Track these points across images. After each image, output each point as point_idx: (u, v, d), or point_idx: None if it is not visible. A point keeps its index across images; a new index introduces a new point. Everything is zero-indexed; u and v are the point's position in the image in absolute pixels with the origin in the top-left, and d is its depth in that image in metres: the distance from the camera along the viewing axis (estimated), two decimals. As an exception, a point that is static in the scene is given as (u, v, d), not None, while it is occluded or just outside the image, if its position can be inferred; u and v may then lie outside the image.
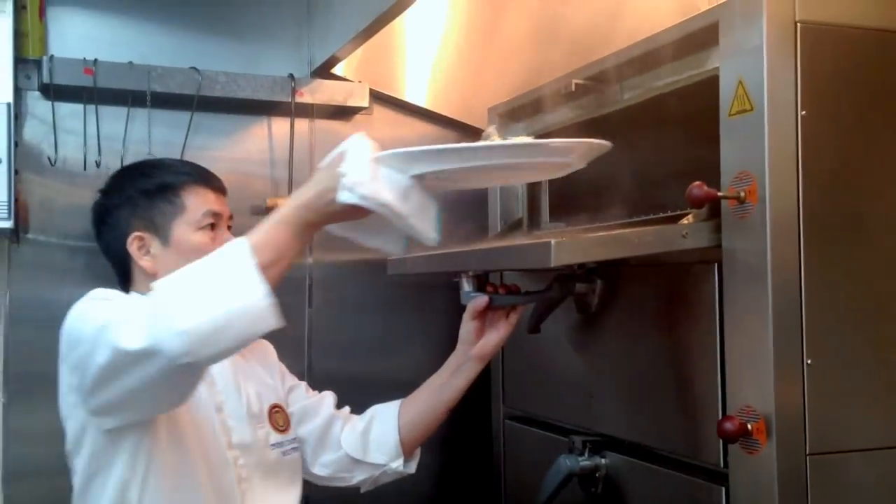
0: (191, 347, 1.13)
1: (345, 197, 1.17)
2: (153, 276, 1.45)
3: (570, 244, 1.28)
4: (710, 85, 1.34)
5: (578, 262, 1.35)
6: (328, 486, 1.72)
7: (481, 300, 1.56)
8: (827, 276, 1.27)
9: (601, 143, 1.28)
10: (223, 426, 1.53)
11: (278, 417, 1.63)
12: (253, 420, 1.58)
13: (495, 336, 1.60)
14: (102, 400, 1.30)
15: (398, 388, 1.75)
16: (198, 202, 1.54)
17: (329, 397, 1.76)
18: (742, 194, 1.26)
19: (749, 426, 1.25)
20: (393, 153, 1.19)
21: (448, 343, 1.69)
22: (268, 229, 1.22)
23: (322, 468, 1.70)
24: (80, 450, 1.43)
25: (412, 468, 1.71)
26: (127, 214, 1.55)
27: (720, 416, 1.31)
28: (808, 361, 1.25)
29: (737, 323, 1.29)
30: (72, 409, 1.43)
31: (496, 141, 1.28)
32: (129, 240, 1.53)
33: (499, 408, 2.04)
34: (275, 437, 1.60)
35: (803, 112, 1.25)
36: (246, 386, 1.61)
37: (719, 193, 1.28)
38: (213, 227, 1.54)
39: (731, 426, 1.25)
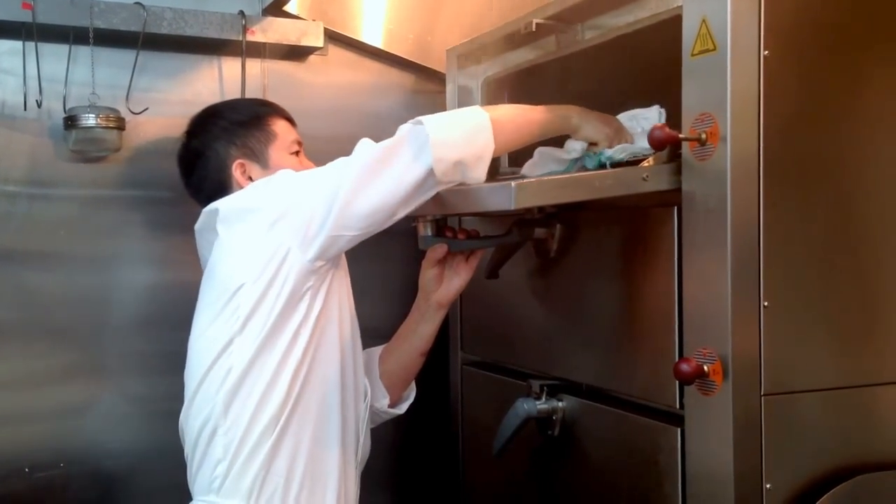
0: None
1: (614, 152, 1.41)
2: None
3: (531, 187, 1.27)
4: (673, 25, 1.32)
5: (539, 204, 1.34)
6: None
7: (440, 248, 1.56)
8: (785, 218, 1.27)
9: None
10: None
11: None
12: None
13: (456, 281, 1.60)
14: (355, 212, 1.40)
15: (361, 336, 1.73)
16: (284, 130, 1.67)
17: None
18: (703, 136, 1.25)
19: (705, 367, 1.26)
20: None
21: (407, 291, 1.68)
22: (523, 113, 1.44)
23: None
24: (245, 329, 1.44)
25: (402, 409, 1.74)
26: (225, 144, 1.64)
27: (677, 359, 1.32)
28: (765, 303, 1.25)
29: (695, 265, 1.29)
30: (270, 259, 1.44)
31: None
32: (234, 167, 1.62)
33: (456, 353, 2.03)
34: None
35: (766, 52, 1.24)
36: None
37: (680, 135, 1.27)
38: (297, 153, 1.67)
39: (688, 368, 1.26)
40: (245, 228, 1.46)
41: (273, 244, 1.42)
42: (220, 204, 1.51)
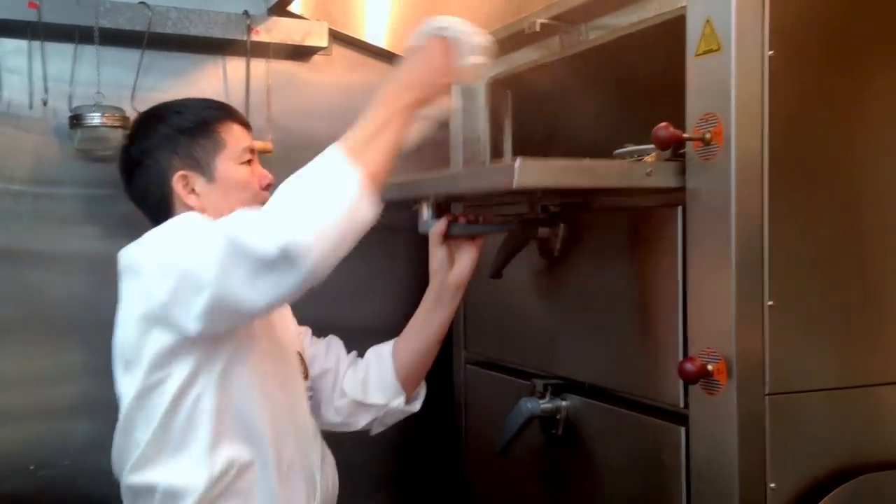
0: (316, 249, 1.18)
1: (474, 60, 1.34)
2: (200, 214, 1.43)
3: (535, 167, 1.23)
4: (676, 25, 1.32)
5: (542, 186, 1.31)
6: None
7: (441, 223, 1.53)
8: (790, 218, 1.27)
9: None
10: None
11: (302, 365, 1.62)
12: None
13: (467, 259, 1.57)
14: (218, 310, 1.26)
15: (364, 335, 1.74)
16: (235, 138, 1.51)
17: (335, 342, 1.73)
18: (707, 136, 1.25)
19: (709, 367, 1.26)
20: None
21: (412, 288, 1.67)
22: (369, 122, 1.29)
23: (335, 414, 1.67)
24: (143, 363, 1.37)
25: (416, 406, 1.69)
26: (166, 154, 1.49)
27: (681, 358, 1.32)
28: (770, 303, 1.26)
29: (699, 265, 1.30)
30: (142, 335, 1.36)
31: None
32: (175, 179, 1.47)
33: (460, 353, 2.04)
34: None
35: (771, 52, 1.24)
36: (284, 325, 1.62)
37: (684, 135, 1.27)
38: (249, 162, 1.52)
39: (692, 367, 1.26)
40: (129, 291, 1.40)
41: (150, 321, 1.34)
42: (121, 253, 1.42)
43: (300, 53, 2.16)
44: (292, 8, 2.07)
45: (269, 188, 1.49)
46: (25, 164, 1.93)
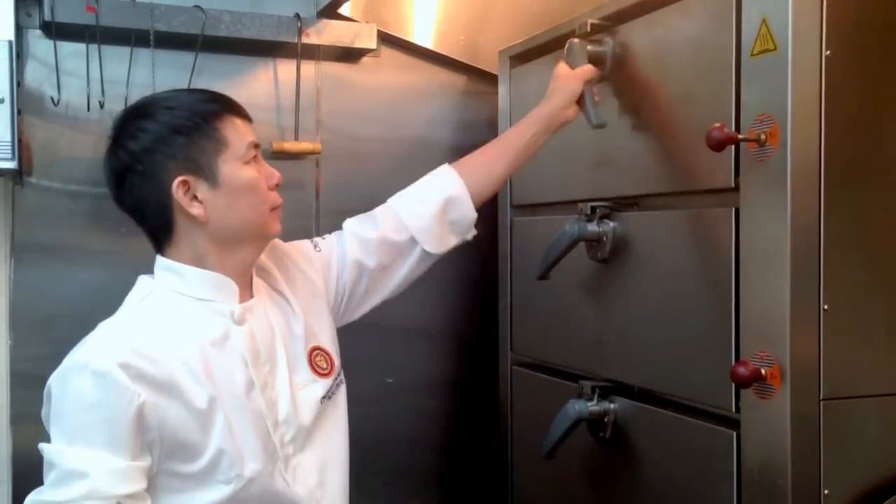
0: None
1: None
2: (204, 224, 1.30)
3: None
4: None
5: None
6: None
7: (594, 72, 1.60)
8: (846, 221, 1.25)
9: None
10: (269, 404, 1.33)
11: (319, 360, 1.44)
12: (298, 380, 1.40)
13: (572, 112, 1.60)
14: None
15: (404, 335, 1.73)
16: (237, 134, 1.32)
17: (334, 240, 1.55)
18: (763, 137, 1.24)
19: (763, 371, 1.24)
20: None
21: (447, 287, 1.62)
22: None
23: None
24: None
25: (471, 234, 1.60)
26: (162, 157, 1.30)
27: (733, 362, 1.30)
28: (825, 307, 1.24)
29: (753, 267, 1.28)
30: None
31: None
32: (174, 186, 1.29)
33: (506, 354, 2.03)
34: (320, 386, 1.41)
35: (828, 52, 1.22)
36: (283, 340, 1.40)
37: (739, 136, 1.26)
38: (254, 158, 1.35)
39: (745, 371, 1.25)
40: None
41: None
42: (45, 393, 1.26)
43: (349, 55, 2.18)
44: (342, 10, 2.09)
45: (278, 187, 1.37)
46: (83, 165, 1.97)
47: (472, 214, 1.56)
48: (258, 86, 2.13)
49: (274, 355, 1.37)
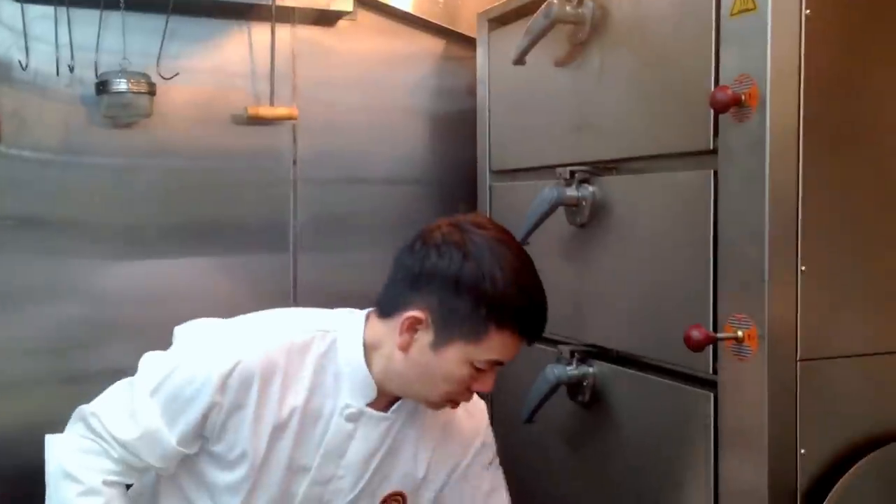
0: None
1: None
2: (397, 351, 1.27)
3: None
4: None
5: None
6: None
7: None
8: (824, 182, 1.25)
9: None
10: (306, 499, 1.34)
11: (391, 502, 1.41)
12: (351, 497, 1.36)
13: None
14: None
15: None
16: (495, 347, 1.25)
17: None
18: (742, 97, 1.23)
19: (739, 333, 1.25)
20: None
21: None
22: None
23: None
24: None
25: None
26: (434, 288, 1.24)
27: (711, 325, 1.31)
28: (802, 268, 1.24)
29: (731, 230, 1.28)
30: None
31: None
32: (413, 310, 1.25)
33: (486, 320, 2.03)
34: None
35: (807, 11, 1.21)
36: (380, 461, 1.37)
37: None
38: (480, 370, 1.27)
39: (699, 335, 1.25)
40: None
41: None
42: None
43: (325, 18, 2.14)
44: (317, -28, 2.05)
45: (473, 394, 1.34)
46: (52, 132, 1.94)
47: None
48: (232, 50, 2.09)
49: (353, 466, 1.34)
